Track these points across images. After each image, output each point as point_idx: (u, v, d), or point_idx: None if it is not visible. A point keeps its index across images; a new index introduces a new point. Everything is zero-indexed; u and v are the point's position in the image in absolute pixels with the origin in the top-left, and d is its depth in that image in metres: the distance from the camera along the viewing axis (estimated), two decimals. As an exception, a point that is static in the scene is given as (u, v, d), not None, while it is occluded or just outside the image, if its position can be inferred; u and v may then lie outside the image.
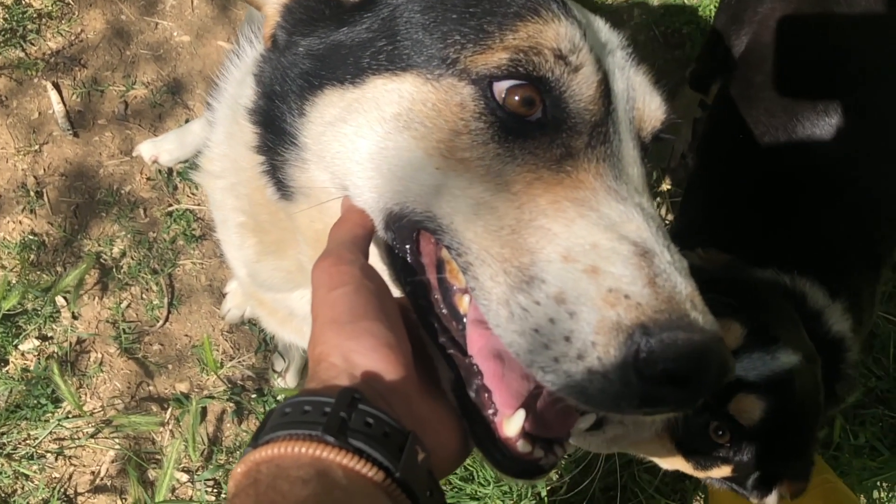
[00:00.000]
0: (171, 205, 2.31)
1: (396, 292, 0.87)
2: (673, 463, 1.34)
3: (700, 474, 1.32)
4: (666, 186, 2.50)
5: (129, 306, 2.25)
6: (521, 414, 0.74)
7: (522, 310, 0.70)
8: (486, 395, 0.77)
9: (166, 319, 2.25)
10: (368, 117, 0.83)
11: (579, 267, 0.69)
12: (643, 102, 0.85)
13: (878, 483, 2.18)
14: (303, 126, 0.89)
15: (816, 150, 1.57)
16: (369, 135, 0.83)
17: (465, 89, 0.78)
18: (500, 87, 0.78)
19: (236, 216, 1.13)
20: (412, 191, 0.81)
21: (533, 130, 0.78)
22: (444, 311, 0.82)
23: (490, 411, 0.77)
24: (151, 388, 2.21)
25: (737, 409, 1.24)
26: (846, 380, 1.51)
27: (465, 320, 0.80)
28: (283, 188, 0.96)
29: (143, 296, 2.26)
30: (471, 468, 2.12)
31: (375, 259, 0.91)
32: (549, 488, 2.10)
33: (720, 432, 1.25)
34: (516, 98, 0.77)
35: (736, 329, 1.26)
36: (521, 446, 0.75)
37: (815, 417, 1.37)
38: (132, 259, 2.27)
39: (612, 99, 0.81)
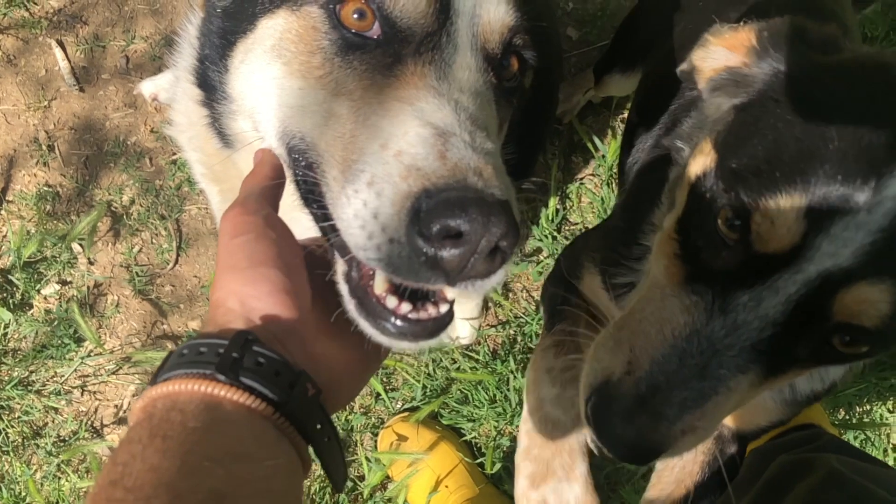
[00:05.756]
0: (174, 153, 2.42)
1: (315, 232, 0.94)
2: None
3: None
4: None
5: (140, 251, 2.38)
6: (381, 272, 0.81)
7: (347, 199, 0.78)
8: (368, 271, 0.84)
9: (176, 262, 2.38)
10: (257, 54, 0.93)
11: (390, 153, 0.77)
12: (488, 16, 0.91)
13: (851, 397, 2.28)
14: (227, 80, 1.00)
15: None
16: (257, 69, 0.93)
17: (316, 13, 0.89)
18: (339, 7, 0.88)
19: (198, 167, 1.23)
20: (288, 115, 0.90)
21: (372, 45, 0.88)
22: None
23: (369, 284, 0.84)
24: (165, 326, 2.35)
25: (845, 311, 0.80)
26: None
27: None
28: (223, 138, 1.07)
29: (153, 240, 2.39)
30: (466, 392, 2.25)
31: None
32: (539, 408, 2.23)
33: (847, 338, 0.85)
34: (353, 15, 0.87)
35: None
36: (390, 301, 0.82)
37: None
38: (141, 206, 2.40)
39: (451, 14, 0.89)
